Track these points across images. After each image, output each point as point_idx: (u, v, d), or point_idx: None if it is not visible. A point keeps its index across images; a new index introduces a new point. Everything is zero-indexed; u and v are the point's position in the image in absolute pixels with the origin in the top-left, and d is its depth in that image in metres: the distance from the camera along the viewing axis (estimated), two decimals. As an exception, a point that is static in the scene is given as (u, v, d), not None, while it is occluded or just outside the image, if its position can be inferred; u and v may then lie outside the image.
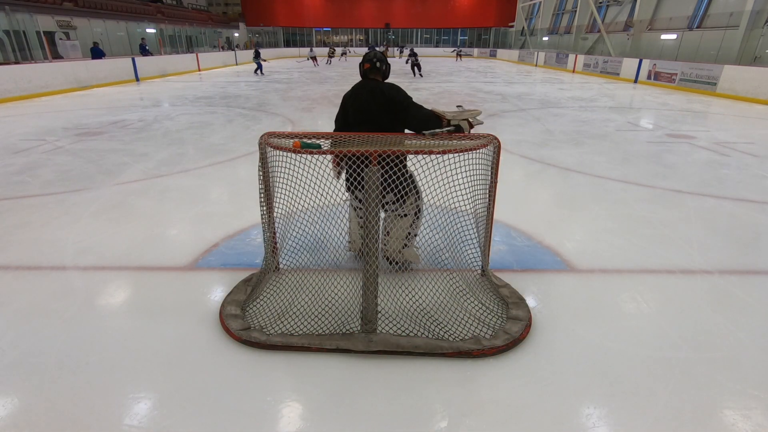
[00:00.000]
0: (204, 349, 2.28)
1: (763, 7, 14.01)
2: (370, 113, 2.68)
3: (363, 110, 2.70)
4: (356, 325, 2.38)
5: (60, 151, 6.30)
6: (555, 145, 6.80)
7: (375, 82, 2.76)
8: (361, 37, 43.58)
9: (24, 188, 4.75)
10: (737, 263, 3.24)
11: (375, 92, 2.67)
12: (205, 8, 39.43)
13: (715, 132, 7.95)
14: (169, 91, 13.79)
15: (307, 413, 1.91)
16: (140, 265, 3.14)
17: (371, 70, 2.77)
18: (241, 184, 4.96)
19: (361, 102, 2.71)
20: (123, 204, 4.29)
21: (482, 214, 2.78)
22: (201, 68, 22.24)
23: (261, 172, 2.58)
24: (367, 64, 2.77)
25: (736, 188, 4.86)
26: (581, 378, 2.10)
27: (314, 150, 2.18)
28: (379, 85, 2.70)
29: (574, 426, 1.85)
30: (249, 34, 40.07)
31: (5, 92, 11.12)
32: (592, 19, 24.75)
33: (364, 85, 2.76)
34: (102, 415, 1.88)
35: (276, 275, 2.91)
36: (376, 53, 2.83)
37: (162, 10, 29.01)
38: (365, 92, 2.71)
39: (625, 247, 3.45)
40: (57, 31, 18.63)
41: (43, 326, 2.46)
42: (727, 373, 2.14)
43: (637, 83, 16.64)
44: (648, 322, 2.53)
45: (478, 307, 2.59)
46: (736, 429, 1.84)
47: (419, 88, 14.40)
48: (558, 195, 4.69)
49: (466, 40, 43.04)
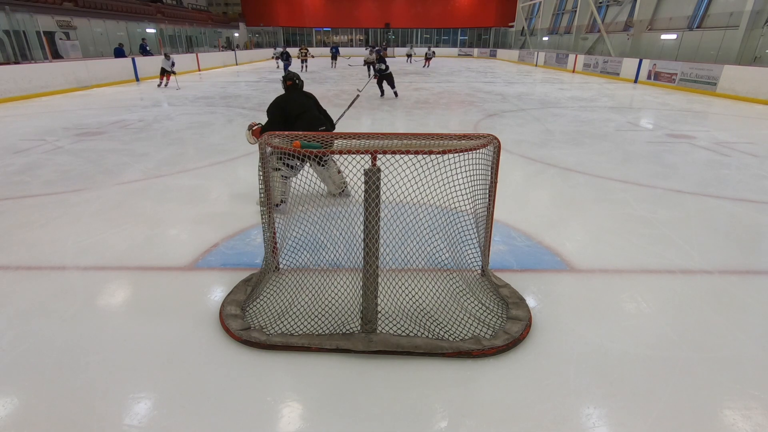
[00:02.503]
0: (204, 349, 2.28)
1: (763, 7, 14.01)
2: (308, 107, 4.00)
3: (303, 106, 3.96)
4: (356, 325, 2.38)
5: (60, 151, 6.30)
6: (555, 145, 6.80)
7: (300, 90, 4.11)
8: (361, 37, 43.56)
9: (24, 188, 4.75)
10: (737, 263, 3.25)
11: (307, 95, 4.12)
12: (205, 8, 39.42)
13: (715, 132, 7.95)
14: (169, 91, 13.79)
15: (307, 413, 1.91)
16: (140, 265, 3.14)
17: (293, 85, 4.08)
18: (241, 184, 4.96)
19: (300, 102, 3.97)
20: (123, 204, 4.29)
21: (482, 214, 2.78)
22: (201, 68, 22.25)
23: (261, 172, 2.59)
24: (289, 81, 4.05)
25: (736, 188, 4.86)
26: (581, 378, 2.10)
27: (314, 150, 2.19)
28: (304, 92, 4.15)
29: (574, 426, 1.85)
30: (249, 34, 40.07)
31: (5, 92, 11.12)
32: (592, 19, 24.75)
33: (293, 92, 4.05)
34: (102, 415, 1.88)
35: (276, 275, 2.91)
36: (290, 74, 4.12)
37: (162, 10, 29.01)
38: (299, 95, 4.04)
39: (625, 247, 3.45)
40: (57, 31, 18.62)
41: (43, 326, 2.46)
42: (727, 373, 2.14)
43: (637, 83, 16.63)
44: (648, 322, 2.53)
45: (478, 307, 2.59)
46: (736, 429, 1.84)
47: (420, 88, 14.40)
48: (558, 195, 4.69)
49: (466, 40, 43.06)
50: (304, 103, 3.99)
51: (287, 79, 4.05)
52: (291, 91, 4.05)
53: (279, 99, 3.97)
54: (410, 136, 2.58)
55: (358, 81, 16.52)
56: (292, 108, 3.90)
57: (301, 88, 4.12)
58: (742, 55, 14.60)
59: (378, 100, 11.62)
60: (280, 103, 3.92)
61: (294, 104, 3.92)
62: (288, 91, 4.06)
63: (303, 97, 4.04)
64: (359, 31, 43.64)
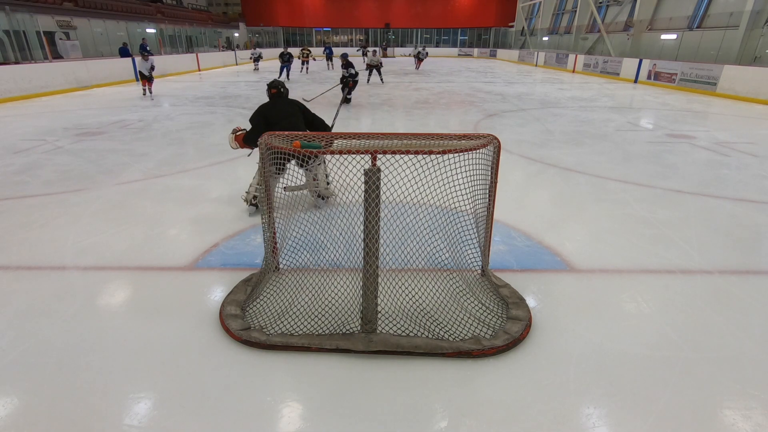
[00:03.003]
0: (204, 349, 2.28)
1: (763, 7, 14.00)
2: (291, 115, 3.98)
3: (286, 113, 3.96)
4: (356, 325, 2.38)
5: (60, 151, 6.30)
6: (555, 145, 6.80)
7: (285, 97, 4.13)
8: (361, 37, 43.54)
9: (24, 188, 4.75)
10: (737, 263, 3.25)
11: (291, 102, 4.11)
12: (205, 8, 39.41)
13: (715, 132, 7.95)
14: (169, 91, 13.78)
15: (307, 413, 1.91)
16: (140, 265, 3.14)
17: (278, 93, 4.08)
18: (241, 184, 4.96)
19: (283, 110, 3.99)
20: (123, 204, 4.29)
21: (482, 214, 2.78)
22: (201, 68, 22.24)
23: (261, 171, 2.58)
24: (273, 89, 4.06)
25: (736, 188, 4.86)
26: (581, 378, 2.10)
27: (314, 150, 2.19)
28: (290, 99, 4.15)
29: (574, 426, 1.85)
30: (249, 34, 40.06)
31: (5, 92, 11.12)
32: (592, 19, 24.74)
33: (277, 100, 4.06)
34: (102, 415, 1.88)
35: (276, 275, 2.91)
36: (274, 82, 4.12)
37: (162, 10, 29.01)
38: (283, 103, 4.05)
39: (625, 247, 3.45)
40: (57, 31, 18.61)
41: (43, 326, 2.46)
42: (727, 373, 2.14)
43: (637, 83, 16.63)
44: (648, 322, 2.53)
45: (478, 307, 2.59)
46: (736, 429, 1.84)
47: (420, 88, 14.40)
48: (558, 195, 4.69)
49: (466, 40, 43.06)
50: (287, 111, 3.99)
51: (272, 87, 4.07)
52: (275, 99, 4.07)
53: (262, 107, 3.99)
54: (410, 136, 2.58)
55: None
56: (275, 115, 3.91)
57: (286, 96, 4.14)
58: (742, 55, 14.60)
59: (378, 101, 11.62)
60: (263, 111, 3.95)
61: (277, 112, 3.94)
62: (272, 98, 4.07)
63: (287, 105, 4.04)
64: (359, 31, 43.63)
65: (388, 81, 16.73)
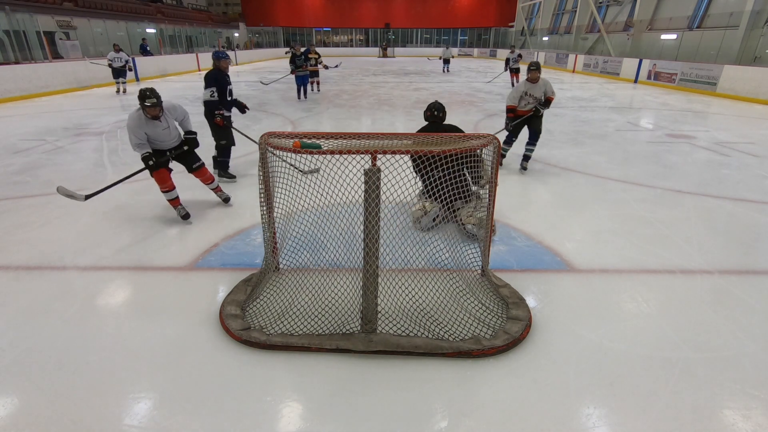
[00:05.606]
0: (204, 349, 2.28)
1: (763, 7, 14.00)
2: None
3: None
4: (356, 325, 2.38)
5: (60, 151, 6.30)
6: (555, 145, 6.80)
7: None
8: (361, 37, 43.53)
9: (24, 188, 4.74)
10: (737, 263, 3.24)
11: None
12: (205, 8, 39.41)
13: (715, 132, 7.95)
14: (169, 91, 13.78)
15: (307, 413, 1.91)
16: (140, 265, 3.14)
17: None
18: (241, 183, 4.96)
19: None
20: (123, 204, 4.29)
21: (482, 214, 2.78)
22: (201, 68, 22.23)
23: (261, 172, 2.58)
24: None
25: (736, 188, 4.86)
26: (581, 378, 2.10)
27: (314, 150, 2.18)
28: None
29: (574, 426, 1.85)
30: (249, 34, 40.05)
31: (5, 92, 11.11)
32: (592, 19, 24.73)
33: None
34: (102, 415, 1.88)
35: (276, 275, 2.91)
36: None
37: (162, 10, 29.01)
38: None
39: (625, 247, 3.45)
40: (57, 31, 18.61)
41: (43, 326, 2.46)
42: (727, 373, 2.14)
43: (637, 83, 16.63)
44: (648, 322, 2.53)
45: (478, 307, 2.59)
46: (736, 429, 1.84)
47: (420, 88, 14.39)
48: (558, 195, 4.69)
49: (466, 40, 43.05)
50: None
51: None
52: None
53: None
54: (410, 136, 2.58)
55: (358, 81, 16.53)
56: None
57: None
58: (742, 55, 14.59)
59: (378, 101, 11.62)
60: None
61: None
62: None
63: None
64: (359, 31, 43.61)
65: (388, 81, 16.73)
